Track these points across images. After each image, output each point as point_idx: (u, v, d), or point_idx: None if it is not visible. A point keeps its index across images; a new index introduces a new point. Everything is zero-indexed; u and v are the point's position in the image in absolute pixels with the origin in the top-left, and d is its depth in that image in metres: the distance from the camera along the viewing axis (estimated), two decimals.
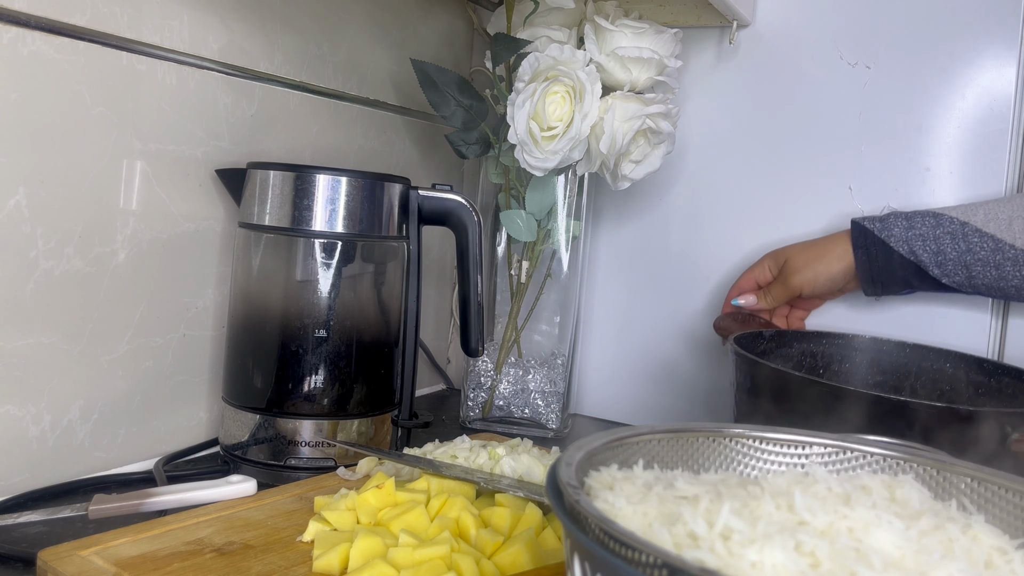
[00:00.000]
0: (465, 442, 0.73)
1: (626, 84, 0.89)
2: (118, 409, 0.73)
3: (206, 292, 0.80)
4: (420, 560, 0.52)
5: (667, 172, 1.03)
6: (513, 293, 0.97)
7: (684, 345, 1.04)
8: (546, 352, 0.98)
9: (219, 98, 0.78)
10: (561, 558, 0.55)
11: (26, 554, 0.55)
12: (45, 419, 0.68)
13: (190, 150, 0.76)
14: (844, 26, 0.94)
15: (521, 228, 0.94)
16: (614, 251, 1.09)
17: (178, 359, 0.78)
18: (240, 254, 0.76)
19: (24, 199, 0.64)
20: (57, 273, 0.67)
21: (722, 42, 1.01)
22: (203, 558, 0.54)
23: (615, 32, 0.87)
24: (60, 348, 0.68)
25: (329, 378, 0.74)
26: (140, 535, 0.56)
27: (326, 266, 0.73)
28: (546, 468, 0.67)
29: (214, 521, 0.60)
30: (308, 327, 0.73)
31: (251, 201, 0.75)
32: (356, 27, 0.94)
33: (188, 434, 0.80)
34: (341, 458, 0.75)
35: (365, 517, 0.59)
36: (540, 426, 0.97)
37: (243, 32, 0.80)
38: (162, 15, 0.72)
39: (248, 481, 0.67)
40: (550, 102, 0.85)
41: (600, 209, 1.09)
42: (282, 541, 0.57)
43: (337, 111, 0.93)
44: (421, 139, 1.06)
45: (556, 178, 0.94)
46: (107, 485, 0.69)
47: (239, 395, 0.75)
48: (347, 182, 0.74)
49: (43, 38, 0.64)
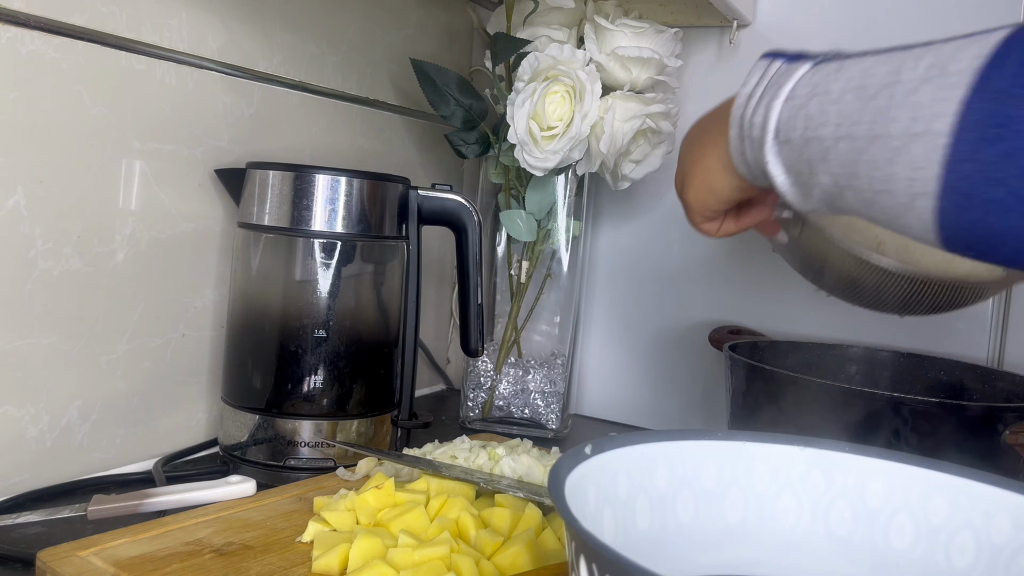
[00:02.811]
0: (465, 442, 0.73)
1: (626, 84, 0.89)
2: (117, 409, 0.73)
3: (205, 292, 0.80)
4: (420, 561, 0.52)
5: (667, 172, 1.02)
6: (513, 293, 0.97)
7: (684, 345, 1.04)
8: (546, 352, 0.98)
9: (218, 98, 0.78)
10: (561, 558, 0.55)
11: (25, 554, 0.54)
12: (44, 419, 0.67)
13: (189, 150, 0.76)
14: (844, 26, 0.94)
15: (521, 228, 0.94)
16: (614, 251, 1.09)
17: (177, 359, 0.78)
18: (239, 254, 0.76)
19: (23, 199, 0.64)
20: (56, 273, 0.67)
21: (722, 42, 1.01)
22: (202, 559, 0.54)
23: (615, 32, 0.87)
24: (59, 348, 0.68)
25: (328, 378, 0.74)
26: (139, 536, 0.56)
27: (325, 266, 0.73)
28: (546, 469, 0.67)
29: (213, 522, 0.60)
30: (307, 327, 0.73)
31: (250, 201, 0.74)
32: (356, 27, 0.94)
33: (187, 434, 0.80)
34: (340, 458, 0.74)
35: (364, 518, 0.59)
36: (540, 426, 0.97)
37: (242, 32, 0.80)
38: (161, 15, 0.72)
39: (247, 481, 0.67)
40: (550, 102, 0.84)
41: (600, 209, 1.09)
42: (281, 542, 0.57)
43: (337, 111, 0.93)
44: (421, 139, 1.06)
45: (556, 178, 0.94)
46: (106, 485, 0.69)
47: (238, 395, 0.75)
48: (346, 182, 0.73)
49: (42, 38, 0.64)
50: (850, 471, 0.49)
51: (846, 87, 0.43)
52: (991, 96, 0.37)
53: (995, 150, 0.37)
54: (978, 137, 0.37)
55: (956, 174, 0.38)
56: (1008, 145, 0.36)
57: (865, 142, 0.42)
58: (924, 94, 0.39)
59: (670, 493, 0.48)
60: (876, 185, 0.42)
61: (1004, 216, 0.37)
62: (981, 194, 0.38)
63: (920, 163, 0.39)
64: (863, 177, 0.42)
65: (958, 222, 0.39)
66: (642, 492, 0.47)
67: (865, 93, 0.42)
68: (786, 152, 0.47)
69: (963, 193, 0.38)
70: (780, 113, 0.47)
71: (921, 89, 0.39)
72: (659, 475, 0.47)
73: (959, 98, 0.38)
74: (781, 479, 0.50)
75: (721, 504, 0.49)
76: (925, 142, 0.39)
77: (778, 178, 0.48)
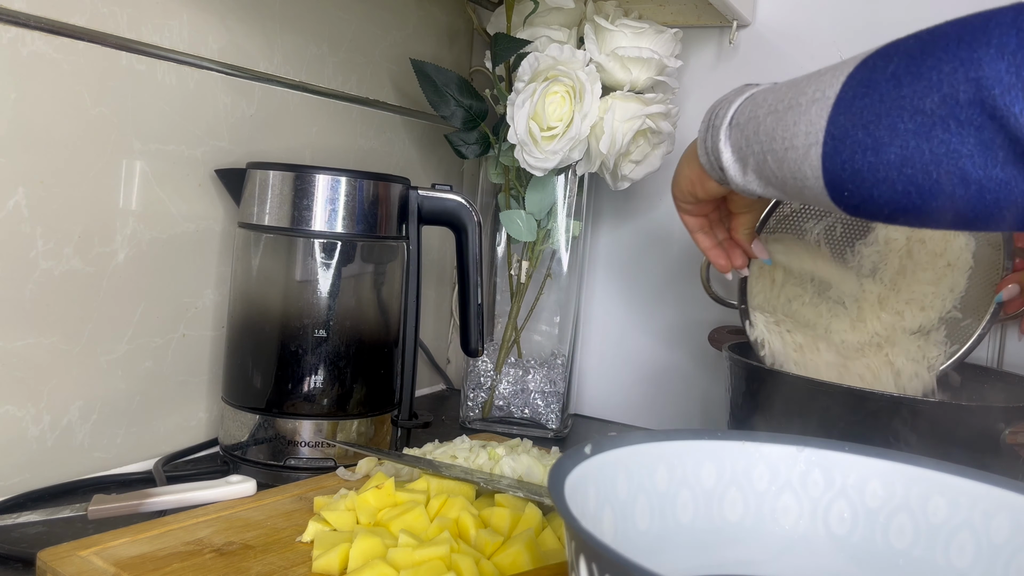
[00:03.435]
0: (465, 442, 0.73)
1: (626, 84, 0.89)
2: (118, 409, 0.73)
3: (206, 292, 0.80)
4: (420, 560, 0.52)
5: (667, 172, 1.03)
6: (513, 293, 0.97)
7: (684, 345, 1.04)
8: (546, 352, 0.98)
9: (219, 98, 0.78)
10: (561, 558, 0.55)
11: (26, 554, 0.55)
12: (45, 419, 0.68)
13: (189, 150, 0.76)
14: (844, 26, 0.94)
15: (521, 228, 0.94)
16: (614, 251, 1.09)
17: (178, 359, 0.78)
18: (240, 254, 0.76)
19: (24, 199, 0.64)
20: (57, 273, 0.67)
21: (722, 42, 1.01)
22: (203, 558, 0.54)
23: (615, 32, 0.87)
24: (60, 348, 0.68)
25: (329, 378, 0.74)
26: (140, 535, 0.56)
27: (326, 266, 0.73)
28: (546, 468, 0.67)
29: (214, 521, 0.60)
30: (308, 327, 0.73)
31: (251, 201, 0.74)
32: (356, 27, 0.94)
33: (188, 434, 0.80)
34: (341, 458, 0.75)
35: (365, 517, 0.59)
36: (540, 426, 0.97)
37: (243, 32, 0.80)
38: (162, 15, 0.72)
39: (248, 481, 0.67)
40: (550, 102, 0.84)
41: (600, 209, 1.09)
42: (282, 541, 0.57)
43: (337, 111, 0.93)
44: (421, 139, 1.06)
45: (556, 178, 0.94)
46: (107, 485, 0.69)
47: (239, 395, 0.75)
48: (347, 182, 0.74)
49: (43, 38, 0.64)
50: (850, 471, 0.49)
51: (786, 83, 0.56)
52: (867, 68, 0.49)
53: (861, 104, 0.48)
54: (852, 95, 0.49)
55: (834, 124, 0.49)
56: (869, 100, 0.48)
57: (783, 112, 0.54)
58: (827, 75, 0.52)
59: (670, 493, 0.48)
60: (786, 143, 0.53)
61: (863, 154, 0.48)
62: (849, 137, 0.49)
63: (814, 120, 0.51)
64: (778, 140, 0.54)
65: (835, 164, 0.50)
66: (642, 492, 0.47)
67: (794, 83, 0.55)
68: (734, 134, 0.59)
69: (838, 138, 0.49)
70: (738, 105, 0.59)
71: (827, 73, 0.52)
72: (659, 475, 0.48)
73: (847, 72, 0.50)
74: (781, 479, 0.50)
75: (721, 504, 0.49)
76: (820, 105, 0.51)
77: (724, 154, 0.59)
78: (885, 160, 0.47)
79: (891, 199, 0.48)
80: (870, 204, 0.50)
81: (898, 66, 0.47)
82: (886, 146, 0.47)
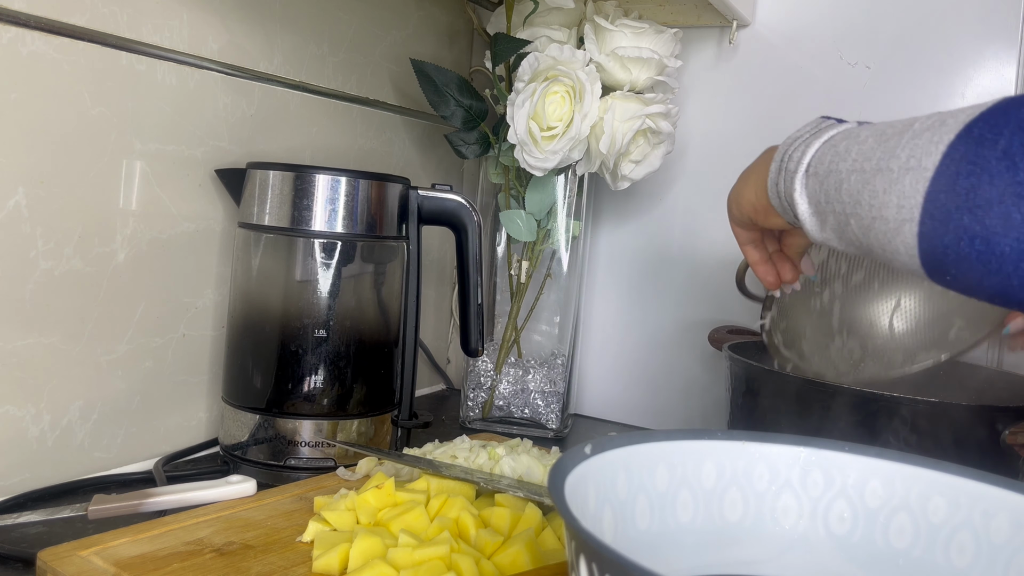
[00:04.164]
0: (465, 442, 0.73)
1: (626, 84, 0.89)
2: (118, 409, 0.73)
3: (206, 292, 0.80)
4: (420, 560, 0.52)
5: (667, 172, 1.03)
6: (513, 293, 0.97)
7: (684, 345, 1.04)
8: (546, 352, 0.98)
9: (219, 98, 0.78)
10: (561, 558, 0.55)
11: (26, 554, 0.55)
12: (45, 419, 0.68)
13: (189, 150, 0.76)
14: (844, 26, 0.94)
15: (521, 228, 0.94)
16: (614, 251, 1.09)
17: (178, 359, 0.78)
18: (240, 254, 0.76)
19: (24, 199, 0.64)
20: (57, 273, 0.67)
21: (722, 42, 1.01)
22: (203, 558, 0.54)
23: (615, 32, 0.87)
24: (60, 348, 0.68)
25: (329, 378, 0.74)
26: (140, 535, 0.56)
27: (326, 266, 0.73)
28: (546, 468, 0.67)
29: (214, 521, 0.60)
30: (308, 327, 0.73)
31: (251, 201, 0.74)
32: (356, 27, 0.94)
33: (188, 434, 0.80)
34: (341, 458, 0.75)
35: (365, 517, 0.59)
36: (540, 426, 0.97)
37: (243, 32, 0.80)
38: (162, 15, 0.72)
39: (248, 481, 0.67)
40: (550, 102, 0.85)
41: (600, 209, 1.09)
42: (282, 541, 0.57)
43: (337, 111, 0.93)
44: (421, 139, 1.06)
45: (556, 178, 0.94)
46: (107, 485, 0.69)
47: (239, 395, 0.75)
48: (347, 182, 0.74)
49: (43, 38, 0.64)
50: (850, 471, 0.49)
51: (870, 133, 0.50)
52: (972, 140, 0.43)
53: (967, 183, 0.42)
54: (955, 172, 0.43)
55: (933, 203, 0.44)
56: (977, 179, 0.42)
57: (871, 175, 0.48)
58: (923, 137, 0.45)
59: (670, 493, 0.48)
60: (873, 212, 0.47)
61: (971, 242, 0.43)
62: (953, 221, 0.43)
63: (908, 193, 0.45)
64: (864, 205, 0.48)
65: (934, 246, 0.44)
66: (642, 492, 0.47)
67: (882, 137, 0.48)
68: (811, 184, 0.53)
69: (938, 219, 0.44)
70: (816, 152, 0.53)
71: (923, 134, 0.45)
72: (659, 475, 0.48)
73: (948, 141, 0.43)
74: (781, 479, 0.50)
75: (721, 504, 0.49)
76: (915, 175, 0.45)
77: (800, 205, 0.54)
78: (998, 252, 0.42)
79: (1005, 291, 0.43)
80: (979, 291, 0.45)
81: (1011, 142, 0.41)
82: (999, 236, 0.42)
